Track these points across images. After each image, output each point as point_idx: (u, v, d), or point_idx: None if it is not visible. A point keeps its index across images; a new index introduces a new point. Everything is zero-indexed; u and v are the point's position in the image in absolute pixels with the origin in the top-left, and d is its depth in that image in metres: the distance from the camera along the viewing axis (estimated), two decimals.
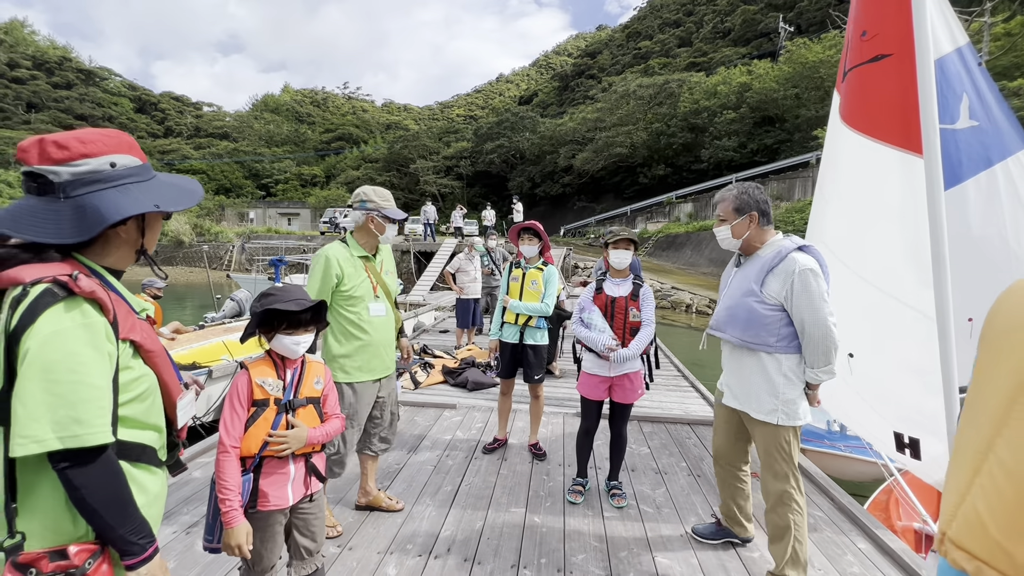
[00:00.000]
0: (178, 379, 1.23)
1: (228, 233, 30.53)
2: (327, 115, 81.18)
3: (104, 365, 0.99)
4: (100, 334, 0.98)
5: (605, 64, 61.30)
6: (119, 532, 0.99)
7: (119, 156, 1.07)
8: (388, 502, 2.83)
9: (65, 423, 0.92)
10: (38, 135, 1.03)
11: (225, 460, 1.53)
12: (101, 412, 0.97)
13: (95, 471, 0.97)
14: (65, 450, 0.93)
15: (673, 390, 5.54)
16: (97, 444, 0.96)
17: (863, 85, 2.91)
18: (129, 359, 1.07)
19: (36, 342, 0.92)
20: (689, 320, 15.16)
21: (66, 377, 0.93)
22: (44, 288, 0.95)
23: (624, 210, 33.20)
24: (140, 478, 1.09)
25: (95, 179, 1.03)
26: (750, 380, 2.22)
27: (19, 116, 56.74)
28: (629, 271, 2.94)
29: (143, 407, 1.10)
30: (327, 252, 2.45)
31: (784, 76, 27.57)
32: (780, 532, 2.19)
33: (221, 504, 1.51)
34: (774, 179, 24.92)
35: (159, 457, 1.16)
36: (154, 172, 1.15)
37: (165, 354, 1.18)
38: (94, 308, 0.99)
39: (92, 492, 0.96)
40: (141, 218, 1.12)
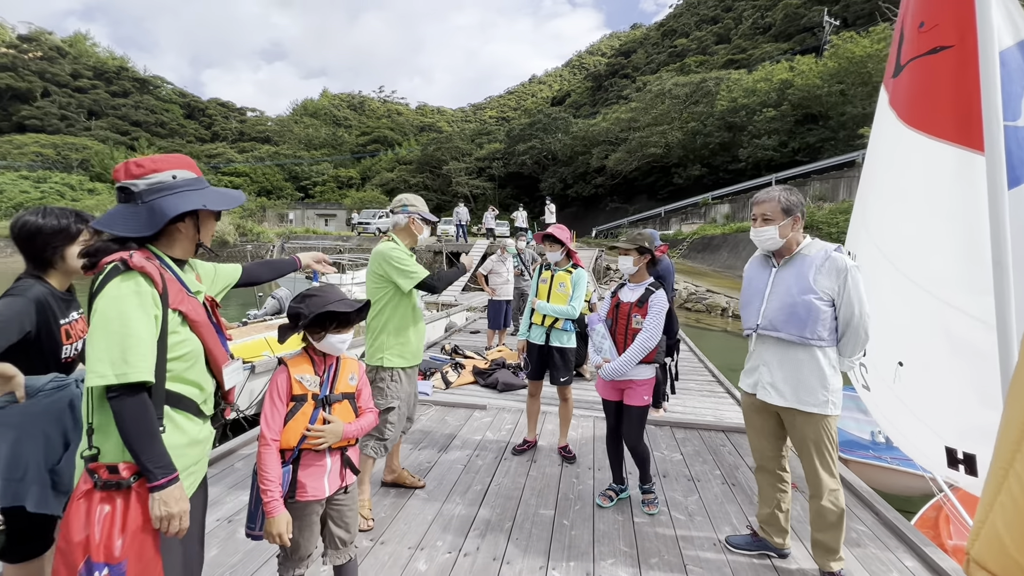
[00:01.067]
0: (225, 350, 1.50)
1: (269, 233, 31.70)
2: (363, 119, 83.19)
3: (149, 323, 1.27)
4: (148, 299, 1.28)
5: (639, 63, 60.45)
6: (141, 457, 1.23)
7: (179, 171, 1.41)
8: (411, 479, 3.08)
9: (117, 363, 1.20)
10: (126, 160, 1.41)
11: (266, 453, 1.59)
12: (143, 357, 1.24)
13: (131, 404, 1.23)
14: (118, 384, 1.20)
15: (707, 396, 5.40)
16: (138, 381, 1.22)
17: (919, 79, 2.77)
18: (177, 325, 1.35)
19: (102, 302, 1.24)
20: (725, 324, 14.75)
21: (118, 328, 1.22)
22: (113, 265, 1.27)
23: (658, 211, 32.61)
24: (179, 421, 1.36)
25: (161, 187, 1.37)
26: (802, 375, 2.23)
27: (81, 123, 60.51)
28: (647, 276, 2.88)
29: (186, 366, 1.38)
30: (386, 247, 2.74)
31: (829, 72, 26.47)
32: (835, 517, 2.24)
33: (263, 495, 1.57)
34: (816, 179, 23.96)
35: (201, 410, 1.43)
36: (207, 183, 1.48)
37: (211, 327, 1.46)
38: (145, 280, 1.28)
39: (126, 421, 1.22)
40: (196, 218, 1.44)
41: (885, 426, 3.32)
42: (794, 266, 2.26)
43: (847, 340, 2.19)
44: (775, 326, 2.29)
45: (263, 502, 1.58)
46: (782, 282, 2.29)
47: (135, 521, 1.23)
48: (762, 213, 2.30)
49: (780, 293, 2.29)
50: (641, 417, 2.87)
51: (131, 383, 1.21)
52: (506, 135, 50.48)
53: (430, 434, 4.01)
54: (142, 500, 1.25)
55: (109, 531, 1.19)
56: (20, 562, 1.77)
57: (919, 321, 2.50)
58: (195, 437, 1.40)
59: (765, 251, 2.40)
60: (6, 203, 40.32)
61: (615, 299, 2.92)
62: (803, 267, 2.23)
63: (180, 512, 1.27)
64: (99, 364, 1.19)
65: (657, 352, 2.77)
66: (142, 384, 1.23)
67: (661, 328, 2.75)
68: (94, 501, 1.21)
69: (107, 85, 68.91)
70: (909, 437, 2.86)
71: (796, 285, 2.22)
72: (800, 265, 2.24)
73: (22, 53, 65.52)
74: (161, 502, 1.24)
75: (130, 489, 1.24)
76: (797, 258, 2.27)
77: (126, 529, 1.21)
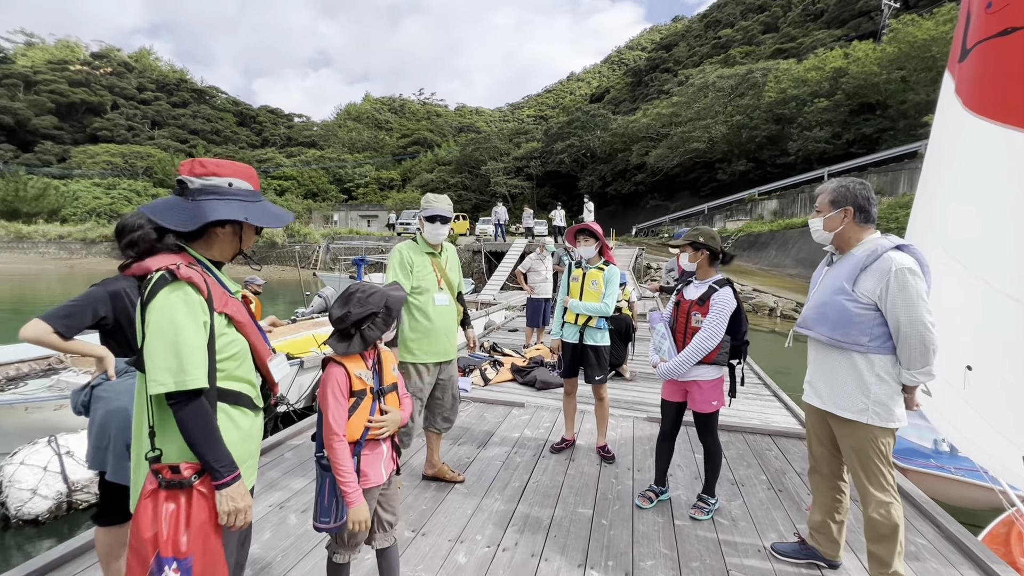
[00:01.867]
0: (267, 346, 1.57)
1: (315, 234, 32.88)
2: (403, 121, 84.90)
3: (199, 330, 1.33)
4: (196, 307, 1.33)
5: (681, 56, 58.83)
6: (206, 458, 1.30)
7: (237, 180, 1.45)
8: (451, 474, 3.15)
9: (176, 371, 1.26)
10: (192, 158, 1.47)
11: (340, 448, 1.65)
12: (196, 364, 1.29)
13: (192, 409, 1.29)
14: (177, 391, 1.27)
15: (753, 399, 5.22)
16: (194, 388, 1.28)
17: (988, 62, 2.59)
18: (224, 327, 1.41)
19: (154, 313, 1.29)
20: (773, 325, 14.18)
21: (172, 338, 1.28)
22: (160, 275, 1.31)
23: (701, 208, 31.68)
24: (235, 416, 1.43)
25: (214, 191, 1.41)
26: (838, 379, 2.13)
27: (146, 133, 64.72)
28: (712, 273, 2.76)
29: (236, 364, 1.44)
30: (398, 247, 2.95)
31: (888, 58, 24.92)
32: (887, 530, 2.08)
33: (344, 487, 1.64)
34: (874, 172, 22.63)
35: (254, 403, 1.50)
36: (261, 198, 1.51)
37: (255, 326, 1.52)
38: (192, 289, 1.33)
39: (188, 424, 1.29)
40: (239, 227, 1.48)
41: (950, 433, 3.12)
42: (841, 265, 2.15)
43: (900, 350, 2.00)
44: (808, 324, 2.22)
45: (344, 494, 1.64)
46: (826, 280, 2.20)
47: (198, 517, 1.29)
48: (817, 204, 2.24)
49: (820, 292, 2.21)
50: (708, 423, 2.78)
51: (190, 390, 1.27)
52: (544, 134, 50.28)
53: (469, 430, 4.07)
54: (204, 497, 1.31)
55: (175, 527, 1.26)
56: (107, 526, 1.97)
57: (992, 323, 2.34)
58: (249, 431, 1.47)
59: (819, 244, 2.29)
60: (81, 209, 43.64)
61: (678, 296, 2.85)
62: (846, 266, 2.11)
63: (246, 507, 1.35)
64: (159, 373, 1.26)
65: (719, 352, 2.65)
66: (200, 390, 1.30)
67: (722, 328, 2.61)
68: (160, 500, 1.27)
69: (168, 96, 73.41)
70: (980, 446, 2.67)
71: (832, 285, 2.12)
72: (846, 264, 2.12)
73: (94, 69, 70.76)
74: (228, 498, 1.31)
75: (192, 488, 1.30)
76: (848, 256, 2.14)
77: (190, 525, 1.28)
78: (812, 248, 2.77)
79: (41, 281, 26.25)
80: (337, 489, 1.66)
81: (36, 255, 36.10)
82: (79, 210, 43.45)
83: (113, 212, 42.86)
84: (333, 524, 1.69)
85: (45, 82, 62.41)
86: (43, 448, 3.51)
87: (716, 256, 2.76)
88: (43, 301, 18.93)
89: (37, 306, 17.46)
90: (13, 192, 41.50)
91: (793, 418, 4.58)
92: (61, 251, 36.44)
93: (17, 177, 43.24)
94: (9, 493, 3.34)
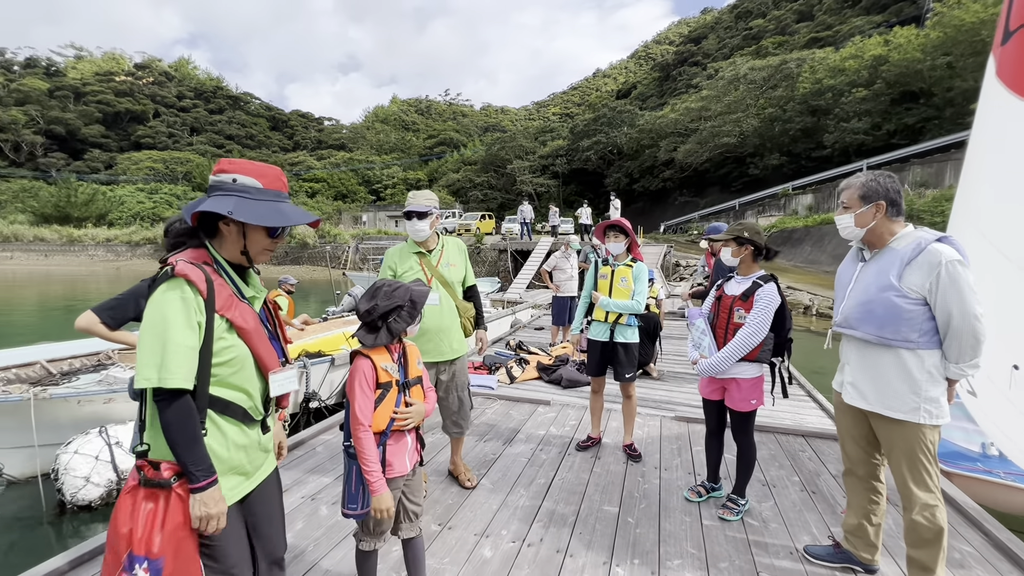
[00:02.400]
0: (277, 356, 1.50)
1: (345, 235, 33.58)
2: (430, 122, 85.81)
3: (191, 331, 1.29)
4: (191, 306, 1.30)
5: (711, 49, 57.48)
6: (183, 459, 1.28)
7: (243, 176, 1.38)
8: (464, 476, 3.11)
9: (159, 367, 1.24)
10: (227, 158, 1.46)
11: (365, 438, 1.71)
12: (180, 364, 1.26)
13: (175, 408, 1.27)
14: (160, 388, 1.25)
15: (786, 399, 5.07)
16: (173, 387, 1.25)
17: None
18: (223, 332, 1.36)
19: (150, 307, 1.30)
20: (808, 323, 13.72)
21: (160, 334, 1.26)
22: (165, 269, 1.33)
23: (731, 204, 30.90)
24: (223, 427, 1.39)
25: (218, 186, 1.39)
26: (886, 378, 2.04)
27: (185, 139, 67.44)
28: (755, 269, 2.71)
29: (231, 371, 1.39)
30: (389, 251, 2.95)
31: (932, 43, 23.73)
32: (933, 535, 2.01)
33: (368, 475, 1.70)
34: (917, 163, 21.62)
35: (249, 415, 1.44)
36: (272, 196, 1.41)
37: (263, 333, 1.47)
38: (189, 286, 1.30)
39: (169, 423, 1.27)
40: (242, 224, 1.40)
41: (995, 436, 2.97)
42: (880, 260, 2.07)
43: (949, 344, 1.93)
44: (851, 324, 2.13)
45: (369, 483, 1.70)
46: (864, 277, 2.12)
47: (174, 519, 1.28)
48: (842, 200, 2.15)
49: (859, 289, 2.12)
50: (744, 422, 2.72)
51: (169, 389, 1.25)
52: (570, 131, 49.94)
53: (495, 427, 4.10)
54: (182, 500, 1.29)
55: (150, 527, 1.26)
56: None
57: None
58: (239, 442, 1.42)
59: (848, 240, 2.21)
60: (126, 213, 45.85)
61: (719, 291, 2.79)
62: (888, 261, 2.03)
63: (218, 513, 1.32)
64: (145, 368, 1.24)
65: (762, 349, 2.59)
66: (181, 391, 1.27)
67: (767, 324, 2.55)
68: (139, 497, 1.28)
69: (206, 103, 76.30)
70: None
71: (876, 282, 2.04)
72: (886, 259, 2.04)
73: (137, 80, 74.19)
74: (201, 503, 1.29)
75: (170, 489, 1.29)
76: (886, 251, 2.06)
77: (165, 527, 1.26)
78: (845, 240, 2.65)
79: (91, 282, 27.69)
80: (363, 477, 1.71)
81: (86, 257, 38.13)
82: (124, 214, 45.67)
83: (155, 216, 44.86)
84: (360, 510, 1.75)
85: (93, 93, 65.78)
86: (95, 438, 3.72)
87: (760, 252, 2.70)
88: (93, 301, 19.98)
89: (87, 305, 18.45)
90: (65, 198, 43.99)
91: (828, 419, 4.44)
92: (108, 253, 38.37)
93: (69, 184, 45.82)
94: (65, 480, 3.55)
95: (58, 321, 14.79)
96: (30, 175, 51.94)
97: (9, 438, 3.84)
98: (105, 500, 3.65)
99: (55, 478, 3.64)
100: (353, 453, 1.74)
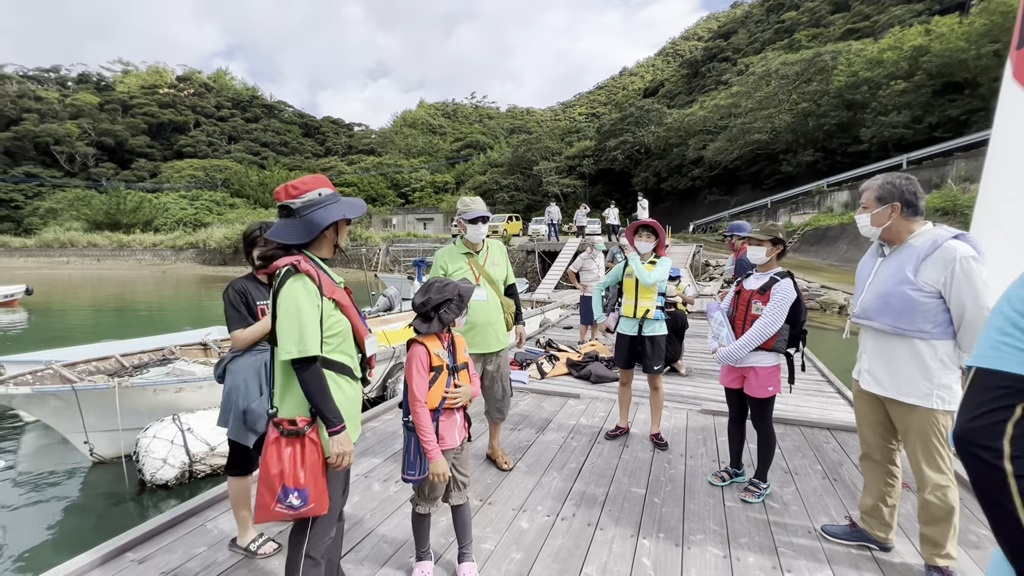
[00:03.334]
0: (364, 327, 1.91)
1: (375, 238, 34.49)
2: (456, 125, 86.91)
3: (315, 311, 1.67)
4: (313, 293, 1.68)
5: (741, 44, 56.34)
6: (321, 409, 1.65)
7: (323, 188, 1.78)
8: (502, 459, 3.36)
9: (298, 342, 1.62)
10: (284, 183, 1.79)
11: (422, 412, 2.00)
12: (313, 337, 1.64)
13: (311, 372, 1.64)
14: (299, 358, 1.62)
15: (814, 395, 5.16)
16: (311, 355, 1.63)
17: None
18: (331, 310, 1.75)
19: (282, 297, 1.65)
20: (842, 323, 13.46)
21: (295, 316, 1.63)
22: (287, 269, 1.68)
23: (763, 202, 30.33)
24: (340, 383, 1.77)
25: (312, 204, 1.75)
26: (901, 367, 2.19)
27: (223, 148, 70.36)
28: (775, 266, 2.89)
29: (340, 340, 1.78)
30: (439, 253, 3.21)
31: (977, 31, 22.81)
32: (944, 513, 2.15)
33: (426, 445, 1.98)
34: (961, 157, 20.79)
35: (354, 373, 1.85)
36: (340, 196, 1.84)
37: (355, 310, 1.87)
38: (309, 279, 1.68)
39: (308, 383, 1.64)
40: (335, 225, 1.81)
41: None
42: (899, 256, 2.21)
43: (963, 335, 2.06)
44: (868, 315, 2.28)
45: (426, 451, 1.98)
46: (883, 272, 2.25)
47: (311, 458, 1.66)
48: (862, 201, 2.30)
49: (878, 283, 2.26)
50: (763, 409, 2.90)
51: (308, 356, 1.62)
52: (596, 131, 49.87)
53: (528, 417, 4.35)
54: (314, 443, 1.67)
55: (295, 465, 1.63)
56: (234, 476, 2.42)
57: None
58: (352, 396, 1.82)
59: (875, 239, 2.34)
60: (170, 219, 48.25)
61: (739, 287, 2.99)
62: (906, 257, 2.16)
63: (350, 451, 1.72)
64: (287, 343, 1.62)
65: (778, 340, 2.77)
66: (315, 357, 1.64)
67: (783, 315, 2.74)
68: (281, 445, 1.65)
69: (242, 113, 79.42)
70: None
71: (894, 276, 2.18)
72: (904, 255, 2.18)
73: (179, 91, 77.77)
74: (338, 443, 1.68)
75: (304, 436, 1.65)
76: (904, 247, 2.20)
77: (305, 464, 1.65)
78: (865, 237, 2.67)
79: (139, 284, 29.35)
80: (420, 447, 1.99)
81: (134, 261, 40.32)
82: (168, 220, 48.05)
83: (197, 221, 47.04)
84: (418, 476, 2.04)
85: (139, 105, 69.39)
86: (169, 425, 4.15)
87: (785, 251, 2.91)
88: (141, 302, 21.22)
89: (138, 307, 19.61)
90: (115, 206, 46.64)
91: None
92: (155, 258, 40.48)
93: (118, 192, 48.56)
94: (145, 461, 3.99)
95: (111, 321, 15.80)
96: (83, 184, 55.26)
97: (97, 422, 4.32)
98: (179, 480, 4.07)
99: (136, 460, 4.09)
100: (412, 427, 2.02)
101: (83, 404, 4.22)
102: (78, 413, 4.24)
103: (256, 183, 55.44)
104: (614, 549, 2.45)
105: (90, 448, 4.47)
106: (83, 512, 4.08)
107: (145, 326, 13.13)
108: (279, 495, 1.63)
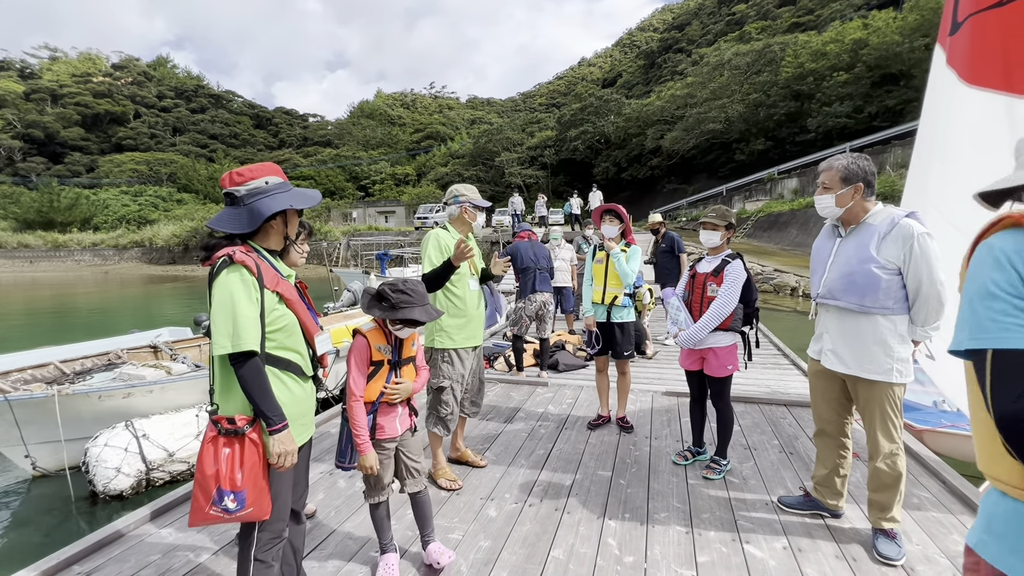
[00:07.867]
0: (316, 323, 1.82)
1: (335, 232, 33.56)
2: (416, 116, 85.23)
3: (251, 304, 1.59)
4: (249, 285, 1.59)
5: (695, 35, 57.69)
6: (261, 407, 1.58)
7: (271, 177, 1.71)
8: (473, 458, 3.26)
9: (232, 336, 1.53)
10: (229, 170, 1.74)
11: (356, 406, 2.00)
12: (248, 331, 1.56)
13: (248, 367, 1.57)
14: (234, 352, 1.54)
15: (771, 368, 5.39)
16: (246, 350, 1.55)
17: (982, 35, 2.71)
18: (275, 304, 1.67)
19: (216, 289, 1.57)
20: (795, 304, 14.11)
21: (230, 309, 1.55)
22: (222, 259, 1.59)
23: (719, 190, 31.28)
24: (285, 380, 1.70)
25: (258, 192, 1.67)
26: (865, 344, 2.25)
27: (167, 140, 66.52)
28: (726, 249, 2.97)
29: (284, 335, 1.70)
30: (436, 232, 2.99)
31: (910, 26, 24.14)
32: (892, 480, 2.27)
33: (356, 438, 1.99)
34: (898, 145, 22.04)
35: (303, 371, 1.76)
36: (291, 186, 1.77)
37: (303, 305, 1.79)
38: (246, 270, 1.59)
39: (246, 379, 1.56)
40: (284, 215, 1.74)
41: (953, 395, 3.26)
42: (858, 235, 2.26)
43: (918, 309, 2.15)
44: (834, 295, 2.32)
45: (356, 444, 1.99)
46: (844, 252, 2.30)
47: (250, 459, 1.58)
48: (822, 181, 2.32)
49: (840, 263, 2.30)
50: (721, 387, 3.00)
51: (243, 351, 1.54)
52: (557, 122, 50.04)
53: (496, 407, 4.35)
54: (254, 444, 1.59)
55: (232, 467, 1.55)
56: None
57: None
58: (299, 395, 1.74)
59: (829, 220, 2.40)
60: (112, 216, 45.27)
61: (692, 271, 3.06)
62: (866, 236, 2.22)
63: (293, 450, 1.65)
64: (220, 338, 1.54)
65: (733, 319, 2.87)
66: (252, 352, 1.56)
67: (736, 296, 2.84)
68: (219, 445, 1.57)
69: (187, 103, 75.24)
70: None
71: (856, 255, 2.23)
72: (863, 234, 2.23)
73: (116, 80, 72.84)
74: (279, 442, 1.61)
75: (244, 436, 1.58)
76: (862, 227, 2.25)
77: (244, 465, 1.57)
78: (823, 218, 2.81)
79: (79, 286, 27.49)
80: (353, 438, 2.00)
81: (72, 263, 37.72)
82: (110, 218, 45.07)
83: (141, 218, 44.38)
84: (347, 464, 2.08)
85: (70, 95, 64.57)
86: (122, 432, 3.92)
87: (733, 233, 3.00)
88: (82, 306, 19.92)
89: (78, 310, 18.41)
90: (48, 203, 43.26)
91: None
92: (95, 258, 37.99)
93: (50, 188, 45.04)
94: (96, 471, 3.76)
95: (49, 325, 14.78)
96: (10, 181, 51.08)
97: (36, 433, 4.03)
98: (135, 489, 3.85)
99: (86, 470, 3.84)
100: (347, 416, 2.02)
101: (19, 415, 3.93)
102: (14, 425, 3.95)
103: (205, 177, 52.54)
104: (581, 531, 2.49)
105: (32, 462, 4.17)
106: (27, 529, 3.81)
107: (87, 330, 12.32)
108: (214, 497, 1.55)
